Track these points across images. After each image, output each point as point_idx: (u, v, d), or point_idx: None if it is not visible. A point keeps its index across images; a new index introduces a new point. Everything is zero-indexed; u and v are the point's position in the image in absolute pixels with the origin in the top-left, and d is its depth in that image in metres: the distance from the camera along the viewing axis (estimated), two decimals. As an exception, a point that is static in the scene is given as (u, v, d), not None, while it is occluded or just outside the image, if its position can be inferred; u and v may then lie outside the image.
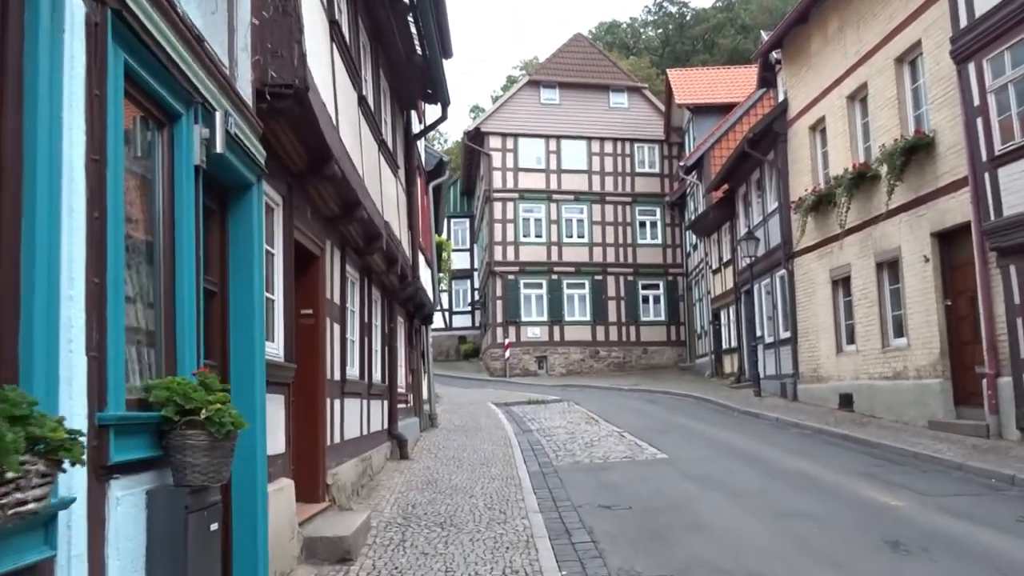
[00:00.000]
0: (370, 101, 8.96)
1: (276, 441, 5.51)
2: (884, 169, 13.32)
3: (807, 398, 17.32)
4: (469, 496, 8.57)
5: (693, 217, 29.32)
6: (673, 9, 72.16)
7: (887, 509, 7.72)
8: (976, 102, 10.96)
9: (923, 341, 12.76)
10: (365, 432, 9.19)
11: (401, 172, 11.25)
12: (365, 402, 9.23)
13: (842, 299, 16.03)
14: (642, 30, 72.24)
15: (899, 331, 13.75)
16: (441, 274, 24.43)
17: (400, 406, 12.30)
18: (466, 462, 11.13)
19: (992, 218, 10.69)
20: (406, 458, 11.22)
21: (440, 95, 11.38)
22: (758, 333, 20.82)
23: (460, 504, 8.14)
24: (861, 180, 14.18)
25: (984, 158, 10.81)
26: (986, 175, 10.79)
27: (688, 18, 71.10)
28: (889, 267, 14.03)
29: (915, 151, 12.51)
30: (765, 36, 22.18)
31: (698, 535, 6.95)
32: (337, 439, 7.71)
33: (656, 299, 33.27)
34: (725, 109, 28.42)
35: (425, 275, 14.84)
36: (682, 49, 70.26)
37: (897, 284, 13.73)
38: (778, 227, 18.78)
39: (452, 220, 41.60)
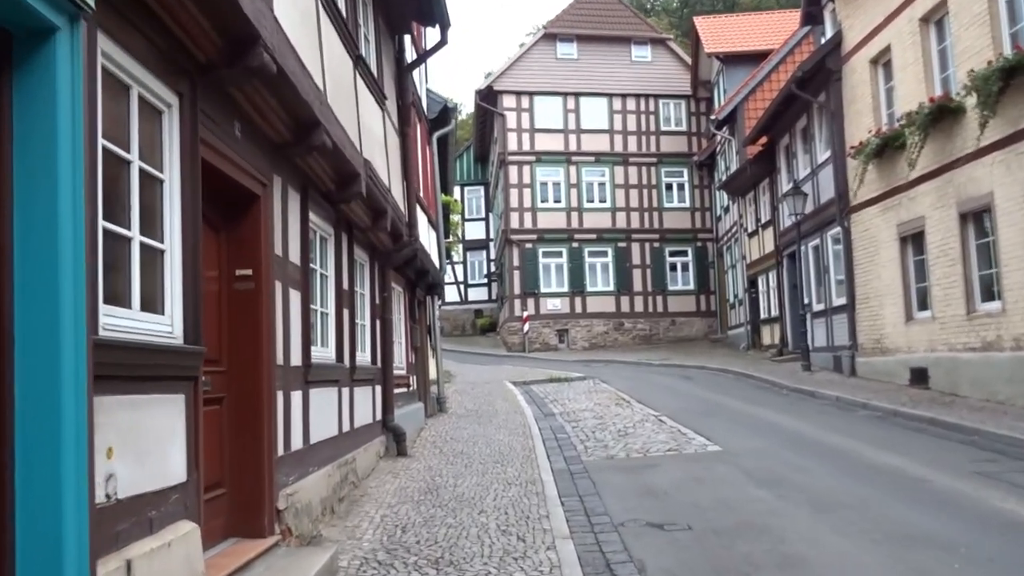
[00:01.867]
0: (341, 4, 6.90)
1: (164, 467, 3.56)
2: (972, 99, 11.09)
3: (868, 373, 15.21)
4: (478, 511, 6.61)
5: (725, 177, 27.05)
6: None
7: (1045, 531, 5.68)
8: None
9: (1023, 305, 10.60)
10: (346, 429, 7.25)
11: (391, 107, 9.20)
12: (345, 391, 7.28)
13: (912, 258, 13.84)
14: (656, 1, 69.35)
15: (989, 294, 11.58)
16: (450, 239, 22.43)
17: (398, 391, 10.37)
18: (477, 459, 9.18)
19: None
20: (404, 455, 9.28)
21: (437, 13, 9.30)
22: (805, 300, 18.66)
23: (466, 525, 6.19)
24: (940, 116, 11.94)
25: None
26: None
27: (701, -10, 68.34)
28: (975, 218, 11.84)
29: (1015, 73, 10.27)
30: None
31: (797, 579, 4.96)
32: (297, 445, 5.76)
33: (684, 267, 31.08)
34: (759, 58, 26.02)
35: (429, 238, 12.83)
36: (701, 8, 67.29)
37: (987, 237, 11.55)
38: (831, 179, 16.55)
39: (466, 188, 39.56)
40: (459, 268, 39.31)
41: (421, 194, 11.86)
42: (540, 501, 6.95)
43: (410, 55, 10.23)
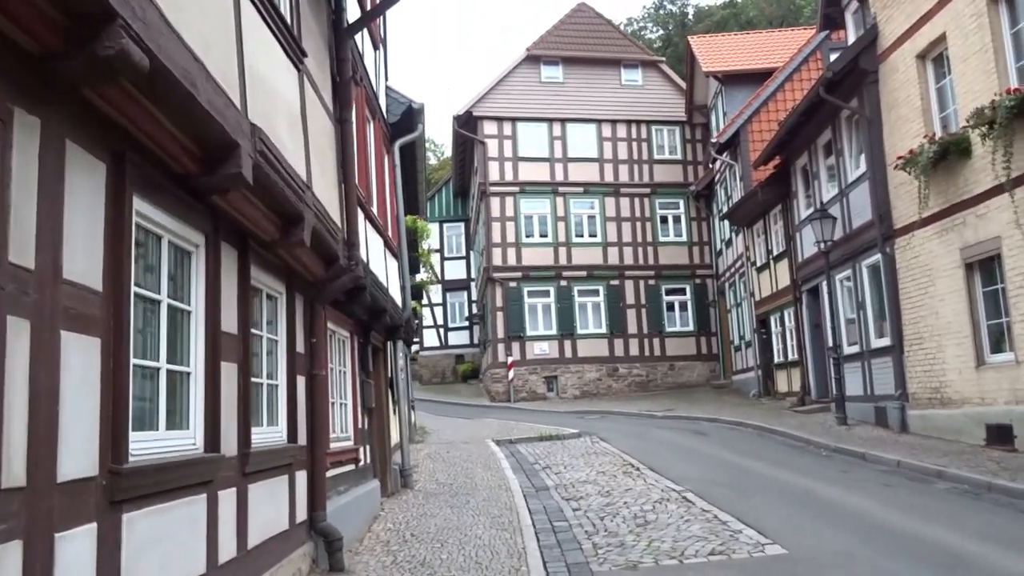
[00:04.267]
0: None
1: None
2: (1076, 85, 8.72)
3: (925, 429, 12.59)
4: None
5: (725, 207, 24.69)
6: (674, 8, 68.62)
7: None
8: None
9: None
10: (226, 558, 4.51)
11: (317, 75, 6.61)
12: (226, 497, 4.56)
13: (980, 289, 11.35)
14: (642, 32, 68.14)
15: (1102, 331, 9.09)
16: (423, 275, 19.77)
17: (339, 471, 7.63)
18: (444, 573, 6.42)
19: None
20: (340, 570, 6.49)
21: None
22: (833, 341, 16.11)
23: None
24: (1027, 109, 9.55)
25: None
26: None
27: (690, 16, 67.52)
28: (1076, 236, 9.39)
29: None
30: None
31: None
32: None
33: (682, 306, 28.52)
34: (761, 77, 23.88)
35: (387, 269, 10.18)
36: (685, 48, 66.20)
37: (1097, 259, 9.09)
38: (866, 199, 14.12)
39: (445, 225, 37.10)
40: (439, 310, 36.62)
41: (375, 210, 9.24)
42: None
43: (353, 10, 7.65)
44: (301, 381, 6.39)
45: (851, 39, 15.86)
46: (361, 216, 8.19)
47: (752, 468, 11.45)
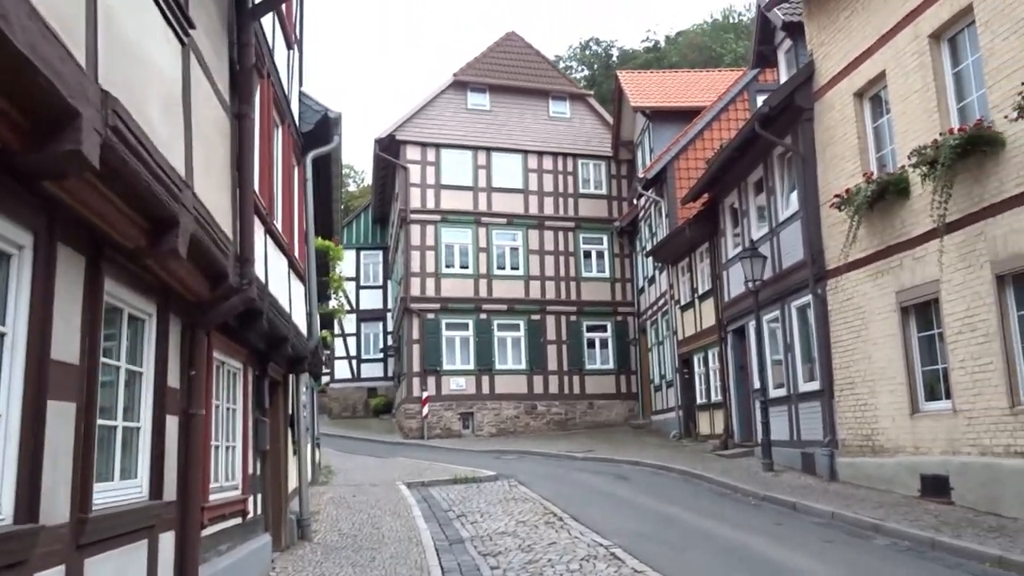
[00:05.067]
0: None
1: None
2: (1022, 125, 8.44)
3: (855, 477, 12.14)
4: None
5: (649, 245, 24.37)
6: (599, 49, 69.68)
7: None
8: None
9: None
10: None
11: (213, 61, 5.60)
12: (45, 578, 3.44)
13: (916, 333, 11.01)
14: (567, 72, 68.76)
15: (1044, 381, 8.75)
16: (335, 302, 18.58)
17: (221, 527, 6.48)
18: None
19: None
20: (211, 654, 5.35)
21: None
22: (760, 384, 15.69)
23: None
24: (971, 149, 9.24)
25: None
26: None
27: (615, 58, 68.55)
28: (1017, 280, 9.08)
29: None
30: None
31: None
32: None
33: (603, 343, 28.00)
34: (689, 115, 23.78)
35: (292, 293, 9.09)
36: (608, 88, 66.98)
37: (1039, 306, 8.77)
38: (797, 239, 13.80)
39: (362, 252, 35.83)
40: (352, 340, 35.14)
41: (279, 226, 8.19)
42: None
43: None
44: (172, 422, 5.27)
45: (783, 78, 15.71)
46: (261, 229, 7.14)
47: (681, 518, 10.71)
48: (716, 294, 18.66)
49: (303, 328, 9.64)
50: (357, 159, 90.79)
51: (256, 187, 7.01)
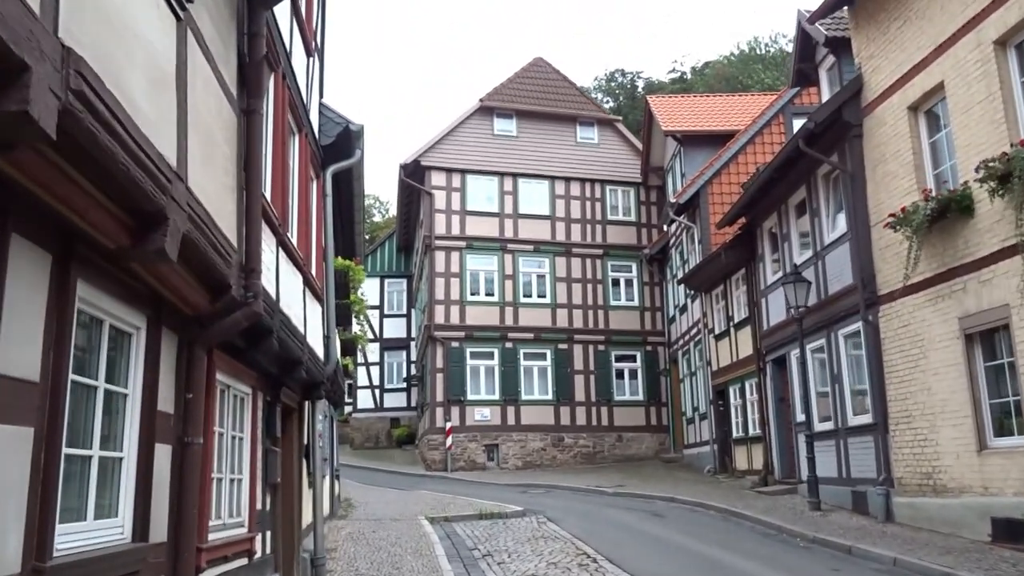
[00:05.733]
0: None
1: None
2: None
3: (913, 519, 11.19)
4: None
5: (680, 272, 23.59)
6: (625, 80, 69.38)
7: None
8: None
9: None
10: None
11: (218, 49, 5.03)
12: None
13: (981, 363, 10.14)
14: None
15: None
16: (358, 328, 17.96)
17: (225, 568, 5.78)
18: None
19: None
20: None
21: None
22: (800, 417, 14.78)
23: None
24: (1047, 161, 8.46)
25: None
26: None
27: (640, 89, 68.17)
28: (1103, 305, 8.24)
29: None
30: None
31: None
32: None
33: (632, 374, 27.13)
34: (721, 139, 23.11)
35: (308, 313, 8.45)
36: (635, 119, 66.58)
37: None
38: (846, 262, 12.99)
39: (387, 280, 35.36)
40: (375, 370, 34.52)
41: (294, 240, 7.58)
42: None
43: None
44: (164, 452, 4.61)
45: (825, 96, 15.02)
46: (272, 241, 6.53)
47: (724, 562, 9.85)
48: (754, 322, 17.82)
49: (320, 351, 8.99)
50: (383, 190, 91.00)
51: (268, 195, 6.42)
